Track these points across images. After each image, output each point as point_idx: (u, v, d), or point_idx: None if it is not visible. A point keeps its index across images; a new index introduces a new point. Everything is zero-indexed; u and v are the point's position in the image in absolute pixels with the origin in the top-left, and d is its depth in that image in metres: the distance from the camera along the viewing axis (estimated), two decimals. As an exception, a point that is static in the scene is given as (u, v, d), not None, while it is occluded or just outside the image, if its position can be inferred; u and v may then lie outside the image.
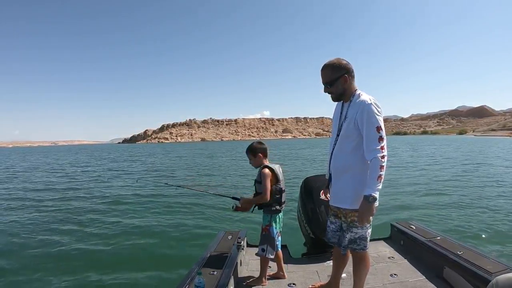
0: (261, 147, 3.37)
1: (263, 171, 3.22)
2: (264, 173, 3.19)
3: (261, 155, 3.34)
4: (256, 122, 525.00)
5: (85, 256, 6.00)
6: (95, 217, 9.07)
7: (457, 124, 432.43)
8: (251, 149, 3.37)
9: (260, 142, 3.45)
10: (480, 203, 9.27)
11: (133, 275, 5.15)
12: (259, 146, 3.37)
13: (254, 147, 3.37)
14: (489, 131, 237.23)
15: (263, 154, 3.35)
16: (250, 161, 3.42)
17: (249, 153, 3.39)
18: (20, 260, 5.93)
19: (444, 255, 3.29)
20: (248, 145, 3.45)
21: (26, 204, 11.55)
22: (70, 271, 5.39)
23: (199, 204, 10.26)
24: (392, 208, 8.86)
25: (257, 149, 3.35)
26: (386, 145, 2.46)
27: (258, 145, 3.39)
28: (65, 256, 6.08)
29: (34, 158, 50.18)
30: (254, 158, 3.36)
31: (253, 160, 3.39)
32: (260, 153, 3.34)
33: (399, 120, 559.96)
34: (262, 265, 3.36)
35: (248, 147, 3.42)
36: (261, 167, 3.27)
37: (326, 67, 2.61)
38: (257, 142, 3.45)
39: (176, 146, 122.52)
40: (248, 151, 3.39)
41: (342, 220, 2.70)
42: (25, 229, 7.94)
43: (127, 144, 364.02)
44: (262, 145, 3.40)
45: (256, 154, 3.34)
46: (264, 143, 3.45)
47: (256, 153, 3.34)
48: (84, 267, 5.51)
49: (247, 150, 3.41)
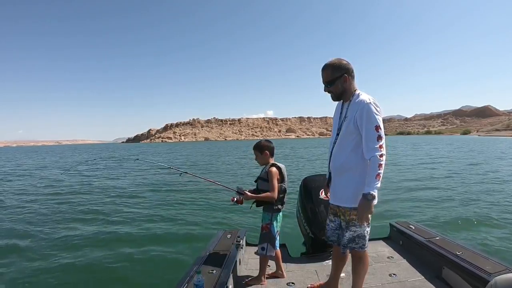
0: (268, 145, 3.43)
1: (271, 169, 3.26)
2: (272, 171, 3.24)
3: (267, 153, 3.39)
4: (260, 122, 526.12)
5: (83, 255, 5.99)
6: (90, 217, 9.05)
7: (461, 124, 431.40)
8: (259, 146, 3.43)
9: (268, 140, 3.51)
10: (480, 204, 9.22)
11: (131, 273, 5.15)
12: (267, 144, 3.43)
13: (262, 145, 3.42)
14: (493, 131, 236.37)
15: (270, 152, 3.41)
16: (256, 158, 3.47)
17: (256, 150, 3.44)
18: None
19: (443, 255, 3.28)
20: (256, 142, 3.51)
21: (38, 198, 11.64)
22: (67, 268, 5.43)
23: (198, 203, 10.30)
24: (391, 208, 8.84)
25: (265, 147, 3.40)
26: (385, 144, 2.46)
27: (266, 143, 3.45)
28: (62, 253, 6.11)
29: (54, 158, 50.13)
30: (260, 155, 3.41)
31: (259, 158, 3.43)
32: (267, 150, 3.39)
33: (402, 120, 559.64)
34: (261, 264, 3.36)
35: (256, 144, 3.48)
36: (269, 165, 3.32)
37: (327, 67, 2.63)
38: (265, 140, 3.50)
39: (180, 146, 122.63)
40: (256, 148, 3.44)
41: (342, 219, 2.71)
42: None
43: (131, 143, 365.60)
44: (270, 144, 3.47)
45: (263, 152, 3.38)
46: (272, 142, 3.51)
47: (263, 150, 3.38)
48: (81, 266, 5.51)
49: (254, 146, 3.46)
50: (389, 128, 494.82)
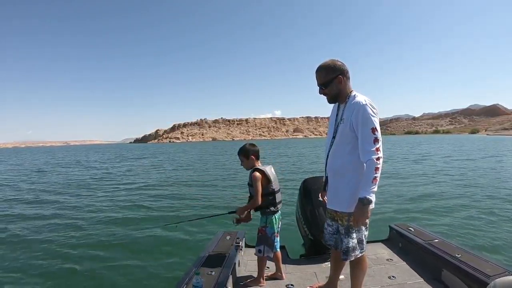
0: (253, 149, 3.35)
1: (253, 174, 3.21)
2: (255, 176, 3.19)
3: (253, 157, 3.33)
4: (267, 122, 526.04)
5: (80, 256, 6.02)
6: (89, 216, 9.14)
7: (469, 123, 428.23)
8: (244, 151, 3.35)
9: (252, 144, 3.42)
10: (479, 205, 9.17)
11: (131, 275, 5.17)
12: (252, 148, 3.35)
13: (247, 149, 3.34)
14: (502, 130, 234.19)
15: (255, 156, 3.34)
16: (242, 163, 3.40)
17: (241, 155, 3.37)
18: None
19: (442, 257, 3.26)
20: (240, 147, 3.43)
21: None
22: (66, 269, 5.47)
23: (198, 204, 10.32)
24: (390, 210, 8.80)
25: (250, 151, 3.33)
26: (381, 147, 2.42)
27: (251, 147, 3.36)
28: (61, 252, 6.23)
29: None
30: (246, 160, 3.34)
31: (245, 162, 3.36)
32: (253, 155, 3.33)
33: (410, 119, 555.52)
34: (260, 266, 3.36)
35: (241, 149, 3.39)
36: (252, 170, 3.27)
37: (321, 69, 2.60)
38: (249, 144, 3.41)
39: (188, 146, 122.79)
40: (241, 153, 3.37)
41: (340, 224, 2.68)
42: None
43: (139, 143, 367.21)
44: (254, 147, 3.38)
45: (249, 156, 3.32)
46: (256, 145, 3.42)
47: (249, 155, 3.32)
48: (79, 266, 5.55)
49: (239, 152, 3.38)
50: (396, 127, 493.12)
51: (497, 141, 69.77)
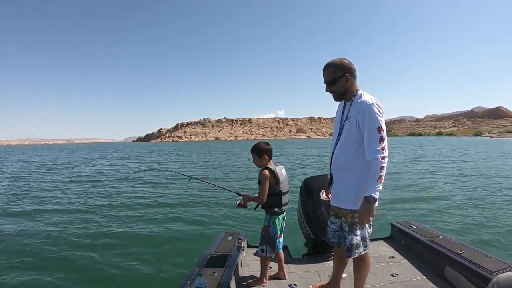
0: (267, 148, 3.31)
1: (263, 172, 3.19)
2: (264, 174, 3.18)
3: (266, 157, 3.29)
4: (270, 122, 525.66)
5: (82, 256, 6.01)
6: (90, 216, 9.13)
7: (472, 125, 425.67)
8: (257, 149, 3.31)
9: (267, 143, 3.38)
10: (481, 202, 9.26)
11: (133, 275, 5.17)
12: (266, 147, 3.32)
13: (261, 148, 3.31)
14: (505, 132, 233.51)
15: (268, 155, 3.31)
16: (254, 160, 3.37)
17: (254, 153, 3.33)
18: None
19: (444, 254, 3.27)
20: (253, 144, 3.39)
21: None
22: (69, 268, 5.48)
23: (199, 204, 10.36)
24: (392, 207, 8.85)
25: (263, 150, 3.30)
26: (387, 146, 2.44)
27: (265, 146, 3.33)
28: (63, 250, 6.26)
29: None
30: (259, 158, 3.30)
31: (257, 161, 3.33)
32: (266, 154, 3.29)
33: (413, 120, 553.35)
34: (262, 266, 3.35)
35: (254, 147, 3.35)
36: (262, 169, 3.24)
37: (328, 67, 2.61)
38: (263, 142, 3.38)
39: (191, 145, 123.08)
40: (254, 151, 3.33)
41: (343, 221, 2.69)
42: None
43: (142, 142, 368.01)
44: (268, 146, 3.35)
45: (261, 155, 3.29)
46: (270, 144, 3.39)
47: (262, 154, 3.29)
48: (81, 265, 5.57)
49: (252, 149, 3.34)
50: (399, 128, 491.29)
51: (501, 144, 69.60)
